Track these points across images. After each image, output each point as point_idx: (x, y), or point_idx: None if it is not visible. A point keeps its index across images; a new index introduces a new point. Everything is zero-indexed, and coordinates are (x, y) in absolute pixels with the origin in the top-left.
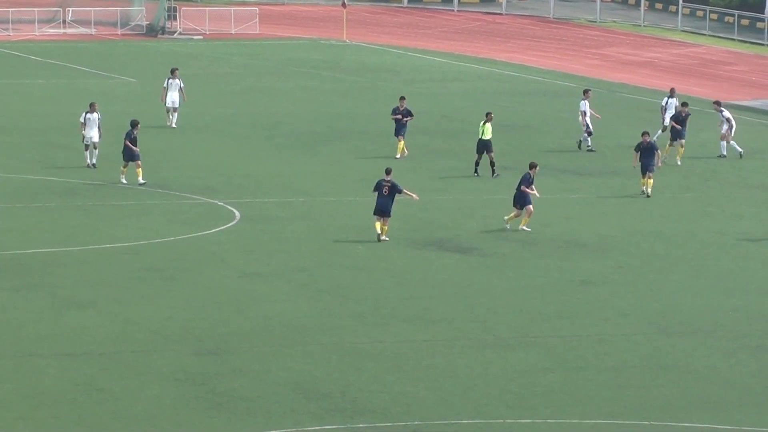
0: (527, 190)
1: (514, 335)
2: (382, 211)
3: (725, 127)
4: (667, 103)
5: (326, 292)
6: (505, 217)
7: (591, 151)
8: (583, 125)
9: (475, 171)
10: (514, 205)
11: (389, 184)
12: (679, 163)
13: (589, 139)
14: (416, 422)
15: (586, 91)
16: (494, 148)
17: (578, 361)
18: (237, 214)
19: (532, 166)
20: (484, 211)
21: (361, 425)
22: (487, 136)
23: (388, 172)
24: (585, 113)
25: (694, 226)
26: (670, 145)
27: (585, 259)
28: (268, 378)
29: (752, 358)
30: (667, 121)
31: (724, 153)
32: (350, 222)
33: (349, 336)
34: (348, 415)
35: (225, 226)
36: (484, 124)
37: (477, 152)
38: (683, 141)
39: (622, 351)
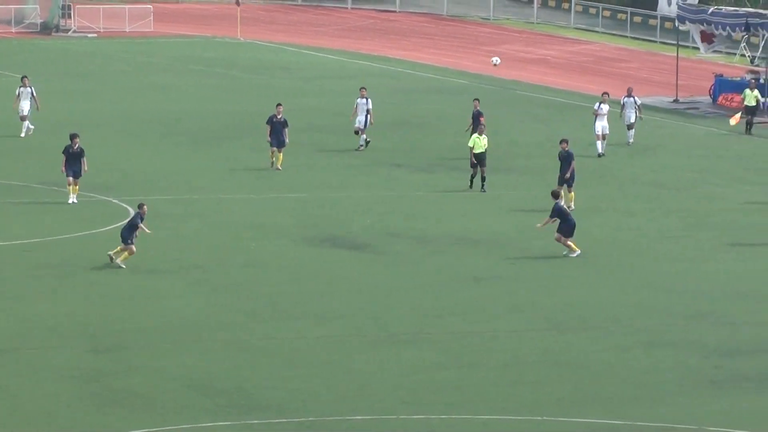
0: None
1: (408, 332)
2: None
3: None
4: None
5: (221, 289)
6: None
7: (360, 149)
8: (357, 122)
9: (470, 184)
10: None
11: None
12: None
13: (362, 138)
14: (311, 418)
15: (362, 89)
16: (390, 146)
17: (471, 357)
18: (131, 211)
19: None
20: (378, 208)
21: (255, 421)
22: (481, 149)
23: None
24: (363, 111)
25: (587, 223)
26: None
27: (478, 256)
28: (164, 375)
29: (645, 353)
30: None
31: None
32: (244, 219)
33: (244, 333)
34: (243, 411)
35: (120, 224)
36: (478, 135)
37: (472, 166)
38: None
39: (515, 347)
